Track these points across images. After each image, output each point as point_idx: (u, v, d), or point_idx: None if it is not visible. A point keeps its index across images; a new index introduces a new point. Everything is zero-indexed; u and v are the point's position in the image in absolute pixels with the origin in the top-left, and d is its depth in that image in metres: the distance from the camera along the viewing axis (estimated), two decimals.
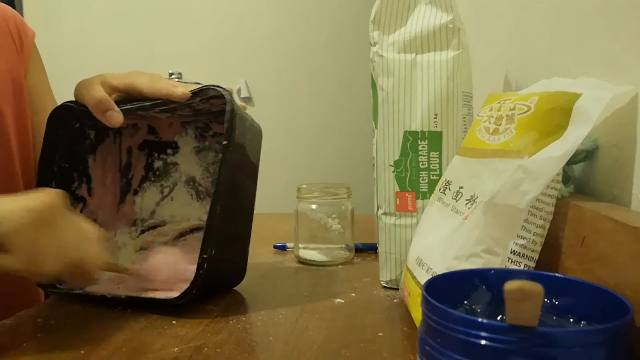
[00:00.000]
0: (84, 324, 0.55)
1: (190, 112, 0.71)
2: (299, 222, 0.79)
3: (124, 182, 0.78)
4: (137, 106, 0.66)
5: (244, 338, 0.50)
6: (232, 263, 0.65)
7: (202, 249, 0.57)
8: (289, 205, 0.82)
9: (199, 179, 0.78)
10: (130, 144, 0.78)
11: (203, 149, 0.77)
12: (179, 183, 0.78)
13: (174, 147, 0.78)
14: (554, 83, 0.51)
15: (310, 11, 2.45)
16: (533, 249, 0.43)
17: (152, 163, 0.79)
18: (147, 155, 0.79)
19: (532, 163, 0.41)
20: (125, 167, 0.78)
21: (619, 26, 0.45)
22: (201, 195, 0.78)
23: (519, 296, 0.25)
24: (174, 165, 0.78)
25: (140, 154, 0.79)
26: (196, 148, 0.78)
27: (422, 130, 0.61)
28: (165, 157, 0.79)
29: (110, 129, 0.75)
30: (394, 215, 0.63)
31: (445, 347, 0.29)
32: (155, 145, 0.79)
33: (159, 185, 0.78)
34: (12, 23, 0.78)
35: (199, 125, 0.76)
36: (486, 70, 0.86)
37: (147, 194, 0.78)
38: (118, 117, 0.64)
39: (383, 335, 0.51)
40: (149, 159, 0.79)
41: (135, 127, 0.78)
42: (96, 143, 0.74)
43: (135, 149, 0.78)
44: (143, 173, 0.79)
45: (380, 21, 0.63)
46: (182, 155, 0.78)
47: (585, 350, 0.26)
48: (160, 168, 0.79)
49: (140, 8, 2.44)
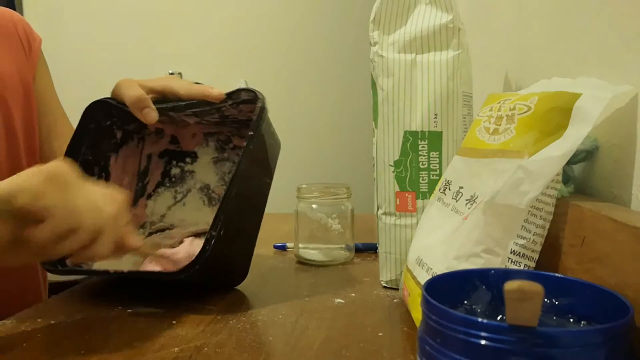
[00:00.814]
0: (84, 324, 0.55)
1: (218, 117, 0.73)
2: (299, 222, 0.79)
3: (139, 186, 0.79)
4: (171, 106, 0.69)
5: (244, 338, 0.50)
6: (237, 256, 0.65)
7: (212, 227, 0.57)
8: (289, 205, 0.82)
9: (213, 186, 0.79)
10: (151, 151, 0.80)
11: (221, 160, 0.80)
12: (193, 190, 0.80)
13: (193, 156, 0.81)
14: (554, 83, 0.51)
15: (311, 11, 2.45)
16: (533, 249, 0.43)
17: (170, 170, 0.81)
18: (165, 162, 0.81)
19: (532, 163, 0.41)
20: (142, 172, 0.79)
21: (618, 26, 0.45)
22: (213, 202, 0.79)
23: (519, 296, 0.25)
24: (190, 173, 0.80)
25: (160, 161, 0.80)
26: (215, 158, 0.80)
27: (422, 130, 0.61)
28: (183, 165, 0.81)
29: (135, 133, 0.77)
30: (394, 215, 0.63)
31: (445, 347, 0.29)
32: (175, 153, 0.81)
33: (173, 191, 0.80)
34: (21, 28, 0.81)
35: (221, 138, 0.79)
36: (486, 70, 0.86)
37: (160, 199, 0.80)
38: (154, 114, 0.67)
39: (383, 335, 0.51)
40: (167, 166, 0.81)
41: (160, 134, 0.79)
42: (121, 144, 0.76)
43: (155, 156, 0.80)
44: (159, 179, 0.80)
45: (380, 21, 0.63)
46: (199, 165, 0.80)
47: (585, 350, 0.26)
48: (176, 175, 0.80)
49: (140, 8, 2.44)
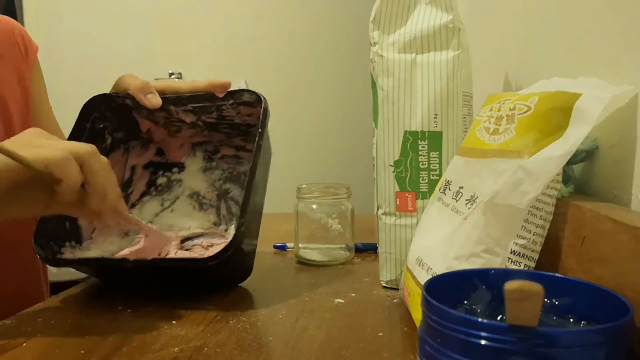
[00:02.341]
0: (84, 324, 0.55)
1: (215, 117, 0.73)
2: (299, 222, 0.79)
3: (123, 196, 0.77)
4: (174, 97, 0.70)
5: (244, 338, 0.50)
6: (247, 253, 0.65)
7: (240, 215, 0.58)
8: (289, 205, 0.82)
9: (203, 192, 0.79)
10: (135, 163, 0.79)
11: (210, 168, 0.79)
12: (181, 197, 0.79)
13: (180, 166, 0.80)
14: (554, 83, 0.51)
15: (311, 11, 2.45)
16: (533, 249, 0.43)
17: (155, 180, 0.80)
18: (151, 172, 0.80)
19: (532, 163, 0.41)
20: (126, 183, 0.78)
21: (619, 26, 0.45)
22: (204, 207, 0.78)
23: (519, 296, 0.25)
24: (178, 182, 0.79)
25: (144, 172, 0.80)
26: (203, 167, 0.79)
27: (422, 130, 0.61)
28: (169, 174, 0.80)
29: (122, 143, 0.77)
30: (394, 215, 0.63)
31: (445, 347, 0.29)
32: (160, 164, 0.80)
33: (160, 199, 0.79)
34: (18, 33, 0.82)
35: (209, 149, 0.79)
36: (486, 70, 0.86)
37: (146, 206, 0.79)
38: (157, 99, 0.69)
39: (383, 335, 0.51)
40: (152, 177, 0.80)
41: (145, 146, 0.79)
42: (110, 150, 0.75)
43: (139, 167, 0.79)
44: (144, 188, 0.79)
45: (380, 21, 0.63)
46: (187, 173, 0.80)
47: (585, 350, 0.26)
48: (163, 184, 0.80)
49: (140, 7, 2.44)
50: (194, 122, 0.75)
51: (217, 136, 0.78)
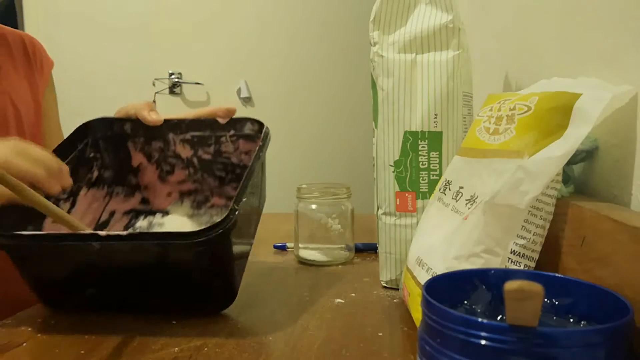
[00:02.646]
0: (84, 324, 0.55)
1: (212, 151, 0.71)
2: (299, 222, 0.79)
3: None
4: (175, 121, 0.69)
5: (244, 338, 0.50)
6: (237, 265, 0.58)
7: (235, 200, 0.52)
8: (289, 205, 0.82)
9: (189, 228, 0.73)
10: (116, 208, 0.74)
11: (197, 215, 0.75)
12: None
13: (164, 213, 0.75)
14: (554, 83, 0.51)
15: (311, 11, 2.45)
16: (533, 249, 0.43)
17: (135, 223, 0.74)
18: (131, 217, 0.75)
19: (532, 163, 0.41)
20: (101, 224, 0.72)
21: (619, 26, 0.45)
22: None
23: (519, 296, 0.25)
24: (160, 226, 0.74)
25: (124, 217, 0.74)
26: (189, 214, 0.75)
27: (422, 130, 0.61)
28: (152, 218, 0.75)
29: (106, 185, 0.73)
30: (394, 215, 0.63)
31: (445, 347, 0.29)
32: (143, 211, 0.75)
33: None
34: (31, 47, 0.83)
35: (199, 198, 0.75)
36: (486, 70, 0.86)
37: None
38: (159, 117, 0.69)
39: (383, 335, 0.51)
40: (131, 221, 0.74)
41: (129, 195, 0.75)
42: (94, 184, 0.71)
43: (119, 213, 0.74)
44: (121, 230, 0.72)
45: (380, 21, 0.63)
46: (170, 219, 0.75)
47: (585, 350, 0.26)
48: (143, 226, 0.74)
49: (140, 8, 2.44)
50: (189, 159, 0.72)
51: (209, 182, 0.74)
